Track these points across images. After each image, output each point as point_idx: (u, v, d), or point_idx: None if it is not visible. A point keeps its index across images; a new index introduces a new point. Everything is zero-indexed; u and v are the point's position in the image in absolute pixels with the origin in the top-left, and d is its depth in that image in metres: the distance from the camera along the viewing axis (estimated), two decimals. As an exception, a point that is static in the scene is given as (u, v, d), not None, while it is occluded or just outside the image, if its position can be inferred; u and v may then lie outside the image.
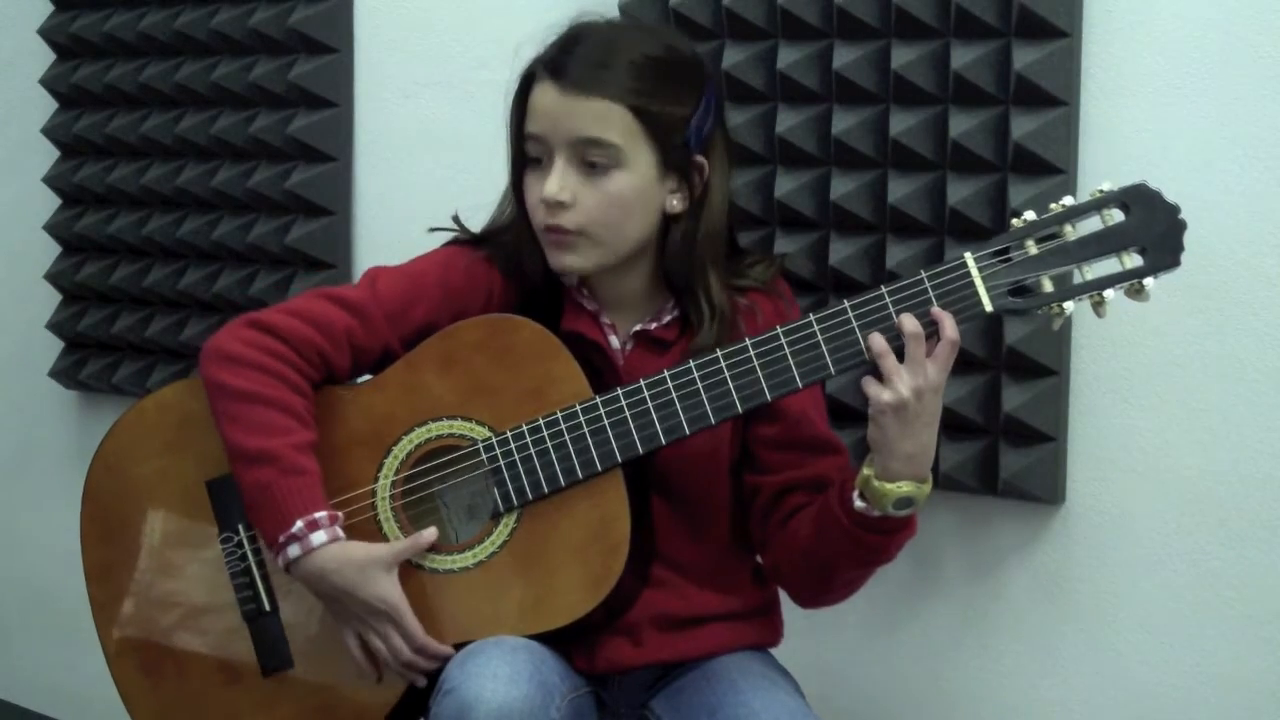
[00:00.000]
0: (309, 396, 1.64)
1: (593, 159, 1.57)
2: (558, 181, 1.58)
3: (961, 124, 1.78)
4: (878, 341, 1.47)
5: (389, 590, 1.57)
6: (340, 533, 1.58)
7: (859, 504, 1.51)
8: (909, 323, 1.46)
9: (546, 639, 1.56)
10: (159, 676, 1.70)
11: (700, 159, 1.62)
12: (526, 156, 1.62)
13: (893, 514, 1.51)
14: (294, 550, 1.57)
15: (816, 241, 1.91)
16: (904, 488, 1.49)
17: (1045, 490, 1.79)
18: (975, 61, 1.76)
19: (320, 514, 1.57)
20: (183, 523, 1.70)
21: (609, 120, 1.56)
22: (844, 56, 1.85)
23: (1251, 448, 1.70)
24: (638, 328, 1.67)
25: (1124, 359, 1.76)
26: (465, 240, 1.74)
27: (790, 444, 1.64)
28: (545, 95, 1.59)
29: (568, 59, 1.58)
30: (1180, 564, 1.76)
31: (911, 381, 1.45)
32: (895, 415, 1.46)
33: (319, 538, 1.56)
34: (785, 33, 1.90)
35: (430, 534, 1.59)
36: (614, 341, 1.68)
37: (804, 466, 1.64)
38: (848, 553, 1.56)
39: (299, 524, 1.56)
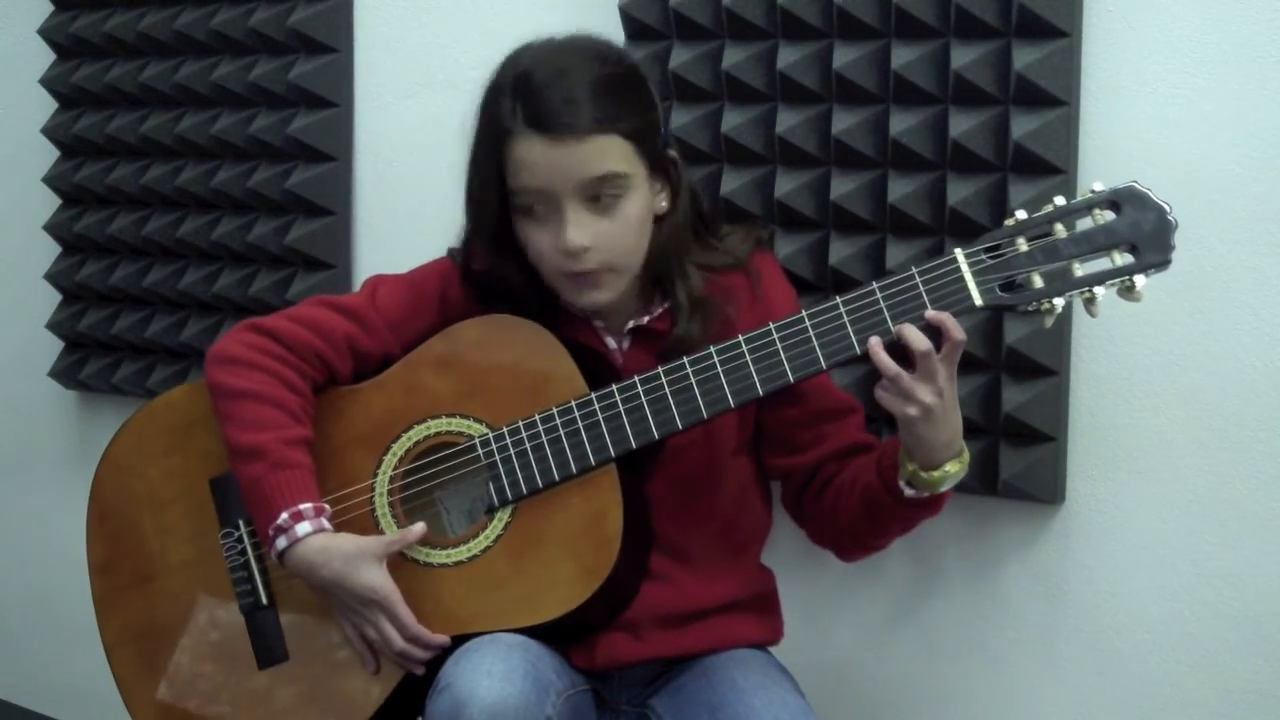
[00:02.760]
0: (305, 395, 1.66)
1: (603, 194, 1.56)
2: (575, 230, 1.55)
3: (961, 124, 1.78)
4: (886, 364, 1.48)
5: (378, 580, 1.58)
6: (326, 524, 1.60)
7: (909, 493, 1.56)
8: (918, 341, 1.47)
9: (547, 636, 1.57)
10: (157, 668, 1.73)
11: (672, 153, 1.64)
12: (512, 208, 1.59)
13: (941, 490, 1.56)
14: (281, 542, 1.59)
15: (816, 241, 1.91)
16: (949, 469, 1.53)
17: (1045, 490, 1.79)
18: (975, 61, 1.76)
19: (305, 505, 1.59)
20: (186, 519, 1.73)
21: (610, 153, 1.55)
22: (844, 56, 1.85)
23: (1251, 448, 1.70)
24: (631, 324, 1.68)
25: (1124, 359, 1.76)
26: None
27: (817, 418, 1.69)
28: (532, 149, 1.54)
29: (542, 105, 1.53)
30: (1180, 564, 1.76)
31: (931, 388, 1.48)
32: (924, 421, 1.49)
33: (303, 529, 1.59)
34: (785, 33, 1.90)
35: (419, 529, 1.61)
36: (611, 343, 1.69)
37: (831, 437, 1.68)
38: (899, 527, 1.63)
39: (284, 516, 1.59)
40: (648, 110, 1.60)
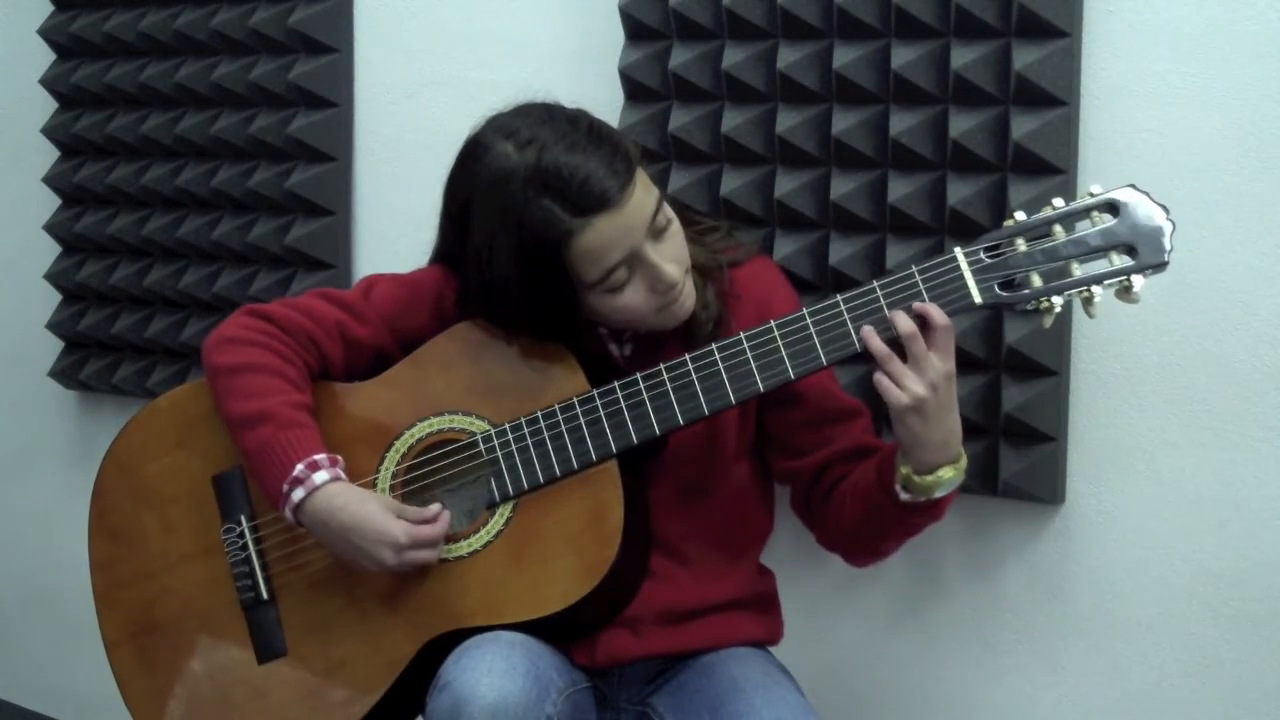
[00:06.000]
0: (301, 370, 1.68)
1: (659, 220, 1.56)
2: (669, 266, 1.55)
3: (961, 124, 1.78)
4: (878, 348, 1.49)
5: (393, 523, 1.58)
6: (341, 474, 1.61)
7: (905, 497, 1.55)
8: (903, 324, 1.48)
9: (548, 634, 1.58)
10: (155, 664, 1.74)
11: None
12: (590, 296, 1.57)
13: (938, 496, 1.55)
14: (298, 494, 1.59)
15: (816, 241, 1.91)
16: (944, 474, 1.53)
17: (1045, 490, 1.79)
18: (975, 61, 1.76)
19: (320, 456, 1.60)
20: (188, 516, 1.74)
21: (645, 183, 1.56)
22: (844, 56, 1.85)
23: (1251, 448, 1.70)
24: (631, 331, 1.68)
25: (1124, 359, 1.76)
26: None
27: (819, 421, 1.68)
28: (602, 230, 1.50)
29: (590, 185, 1.50)
30: (1180, 564, 1.76)
31: (922, 378, 1.48)
32: (917, 413, 1.48)
33: (321, 476, 1.59)
34: (785, 33, 1.90)
35: (434, 509, 1.60)
36: (614, 349, 1.69)
37: (835, 440, 1.68)
38: (900, 532, 1.62)
39: (300, 467, 1.59)
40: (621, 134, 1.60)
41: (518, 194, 1.51)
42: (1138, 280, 1.47)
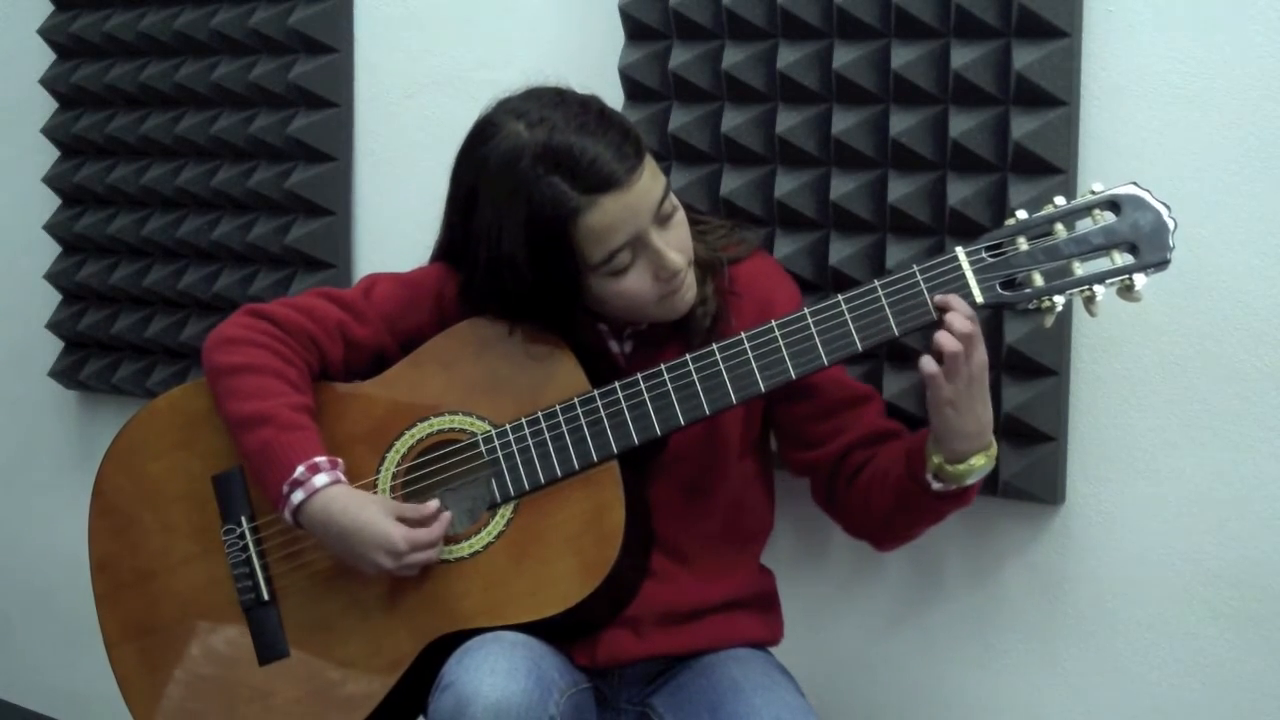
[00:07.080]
0: (302, 371, 1.68)
1: (665, 207, 1.56)
2: (673, 254, 1.56)
3: (961, 124, 1.78)
4: (928, 362, 1.49)
5: (393, 529, 1.58)
6: (341, 476, 1.62)
7: (937, 485, 1.56)
8: (949, 345, 1.47)
9: (549, 634, 1.58)
10: (156, 664, 1.74)
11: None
12: (592, 279, 1.57)
13: (968, 483, 1.56)
14: (298, 496, 1.59)
15: (816, 241, 1.91)
16: (976, 462, 1.54)
17: (1045, 490, 1.79)
18: (975, 61, 1.76)
19: (320, 459, 1.60)
20: (188, 516, 1.74)
21: (652, 167, 1.57)
22: (844, 56, 1.85)
23: (1251, 448, 1.70)
24: (629, 330, 1.69)
25: (1124, 359, 1.76)
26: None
27: (832, 410, 1.69)
28: (608, 210, 1.51)
29: (599, 164, 1.51)
30: (1180, 564, 1.76)
31: (958, 375, 1.49)
32: (953, 406, 1.50)
33: (321, 479, 1.59)
34: (785, 33, 1.90)
35: (434, 506, 1.60)
36: (614, 346, 1.69)
37: (851, 428, 1.68)
38: (930, 519, 1.63)
39: (300, 469, 1.59)
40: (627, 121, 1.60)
41: (527, 171, 1.52)
42: (1139, 279, 1.47)
